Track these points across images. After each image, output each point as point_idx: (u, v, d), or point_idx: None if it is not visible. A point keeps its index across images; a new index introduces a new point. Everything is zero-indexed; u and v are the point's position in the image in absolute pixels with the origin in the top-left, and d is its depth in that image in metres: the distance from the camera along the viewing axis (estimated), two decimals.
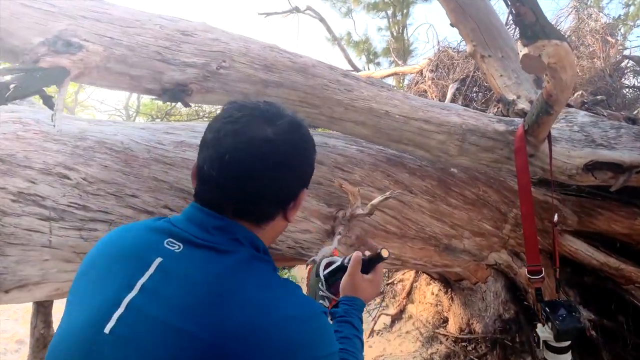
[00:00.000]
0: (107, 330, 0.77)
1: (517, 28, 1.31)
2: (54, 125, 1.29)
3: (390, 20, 12.82)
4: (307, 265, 1.57)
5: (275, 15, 7.99)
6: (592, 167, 2.36)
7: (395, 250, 2.49)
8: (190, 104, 1.59)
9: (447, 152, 2.13)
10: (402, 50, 12.11)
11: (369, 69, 11.21)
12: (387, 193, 2.02)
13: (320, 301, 1.34)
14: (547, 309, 2.02)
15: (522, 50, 1.33)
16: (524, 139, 2.11)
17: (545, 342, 2.04)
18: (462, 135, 2.09)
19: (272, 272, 0.92)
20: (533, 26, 1.27)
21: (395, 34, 12.84)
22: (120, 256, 0.89)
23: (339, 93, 1.79)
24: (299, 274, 5.18)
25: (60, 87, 1.34)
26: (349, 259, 1.31)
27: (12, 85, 1.21)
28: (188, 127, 2.14)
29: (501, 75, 2.70)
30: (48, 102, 1.36)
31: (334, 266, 1.39)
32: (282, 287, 0.89)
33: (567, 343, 2.01)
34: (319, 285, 1.37)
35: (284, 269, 4.99)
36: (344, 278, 1.28)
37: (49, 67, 1.30)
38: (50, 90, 1.51)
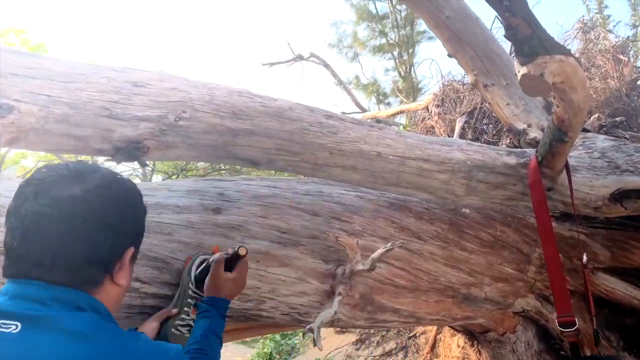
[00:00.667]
0: None
1: (512, 45, 1.12)
2: None
3: (397, 60, 12.90)
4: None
5: (279, 64, 7.98)
6: (620, 196, 2.10)
7: (408, 306, 2.22)
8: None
9: (454, 192, 1.90)
10: (410, 88, 12.11)
11: (379, 110, 11.17)
12: (389, 244, 1.78)
13: (189, 300, 1.42)
14: None
15: (520, 71, 1.13)
16: (538, 171, 1.88)
17: None
18: (467, 172, 1.86)
19: (118, 330, 0.88)
20: (529, 40, 1.06)
21: (402, 73, 12.89)
22: None
23: (322, 137, 1.59)
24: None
25: None
26: (213, 260, 1.38)
27: None
28: (165, 186, 1.96)
29: (508, 104, 2.49)
30: None
31: (203, 266, 1.44)
32: (130, 339, 0.88)
33: None
34: (189, 284, 1.45)
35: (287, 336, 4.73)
36: (207, 279, 1.37)
37: None
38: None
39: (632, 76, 3.40)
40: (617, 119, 2.93)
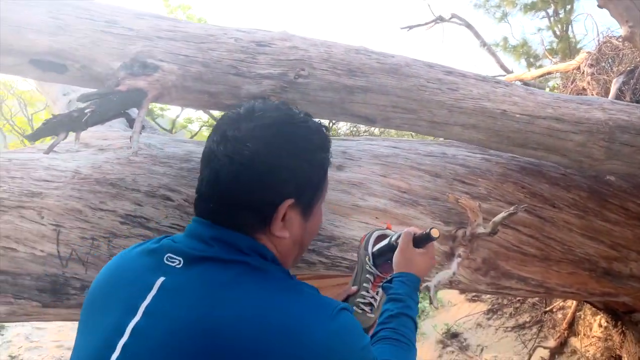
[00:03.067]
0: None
1: None
2: (132, 147, 1.31)
3: (552, 19, 11.72)
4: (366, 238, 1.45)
5: (419, 27, 7.75)
6: None
7: (536, 275, 2.12)
8: None
9: (591, 155, 1.74)
10: (568, 50, 10.95)
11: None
12: (512, 207, 1.71)
13: (367, 275, 1.32)
14: None
15: None
16: None
17: None
18: (609, 134, 1.69)
19: (283, 277, 0.85)
20: None
21: (558, 32, 11.68)
22: (121, 283, 0.85)
23: (440, 94, 1.56)
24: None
25: (140, 109, 1.36)
26: (398, 237, 1.25)
27: (87, 111, 1.25)
28: None
29: None
30: (133, 124, 1.39)
31: (382, 244, 1.33)
32: (296, 292, 0.82)
33: None
34: (366, 259, 1.34)
35: None
36: (396, 254, 1.23)
37: (127, 90, 1.33)
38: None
39: None
40: None
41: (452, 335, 4.13)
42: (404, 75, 1.54)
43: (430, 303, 1.75)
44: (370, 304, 1.32)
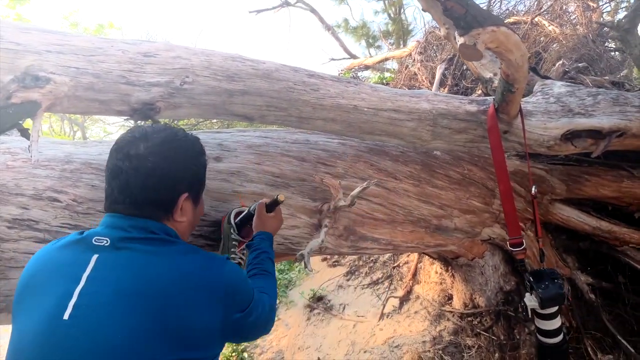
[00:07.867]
0: (66, 317, 0.96)
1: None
2: (31, 156, 1.39)
3: (386, 2, 12.78)
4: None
5: (266, 11, 8.03)
6: (571, 136, 2.39)
7: (385, 235, 2.57)
8: (162, 119, 1.68)
9: (421, 137, 2.19)
10: (401, 31, 12.09)
11: (369, 53, 11.21)
12: (365, 183, 2.09)
13: (233, 242, 1.71)
14: (531, 278, 2.09)
15: (459, 40, 1.39)
16: (495, 117, 2.16)
17: (533, 310, 2.11)
18: (433, 120, 2.15)
19: (185, 245, 1.17)
20: (464, 17, 1.33)
21: (392, 15, 12.81)
22: (57, 265, 1.07)
23: (305, 94, 1.86)
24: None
25: (34, 119, 1.44)
26: (254, 207, 1.70)
27: None
28: None
29: None
30: (25, 134, 1.46)
31: (243, 214, 1.75)
32: (197, 253, 1.16)
33: (554, 309, 2.07)
34: (231, 230, 1.73)
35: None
36: (254, 219, 1.67)
37: (21, 102, 1.40)
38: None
39: (599, 22, 3.60)
40: (580, 64, 3.18)
41: (318, 299, 4.58)
42: (275, 79, 1.80)
43: (305, 267, 2.07)
44: (240, 263, 1.70)
